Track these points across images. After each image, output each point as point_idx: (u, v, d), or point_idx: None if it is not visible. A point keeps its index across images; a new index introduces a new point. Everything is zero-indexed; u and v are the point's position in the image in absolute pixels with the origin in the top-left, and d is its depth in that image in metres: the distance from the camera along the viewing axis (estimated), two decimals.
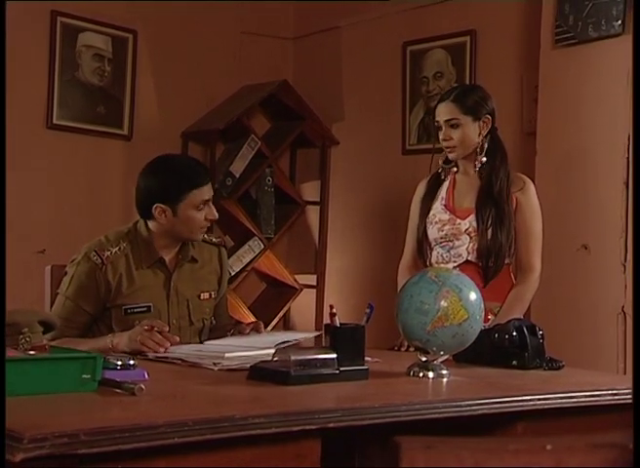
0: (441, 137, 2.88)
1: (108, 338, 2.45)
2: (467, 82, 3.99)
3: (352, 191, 4.58)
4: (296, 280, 4.65)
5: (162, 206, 2.60)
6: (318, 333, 2.67)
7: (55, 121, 4.12)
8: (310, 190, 4.77)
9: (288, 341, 2.39)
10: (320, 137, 4.66)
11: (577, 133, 3.39)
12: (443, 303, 2.05)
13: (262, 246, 4.51)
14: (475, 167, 2.89)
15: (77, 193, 4.22)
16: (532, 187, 2.91)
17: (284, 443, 1.59)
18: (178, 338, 2.38)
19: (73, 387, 1.68)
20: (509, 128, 3.85)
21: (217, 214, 2.68)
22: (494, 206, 2.84)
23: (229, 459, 1.53)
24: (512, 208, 2.86)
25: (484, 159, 2.88)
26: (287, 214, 4.66)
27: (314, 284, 4.66)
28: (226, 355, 2.19)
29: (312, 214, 4.75)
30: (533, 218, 2.89)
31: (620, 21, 3.22)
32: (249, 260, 4.49)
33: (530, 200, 2.89)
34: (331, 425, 1.62)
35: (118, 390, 1.70)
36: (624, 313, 3.18)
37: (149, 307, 2.61)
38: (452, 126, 2.85)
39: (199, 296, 2.73)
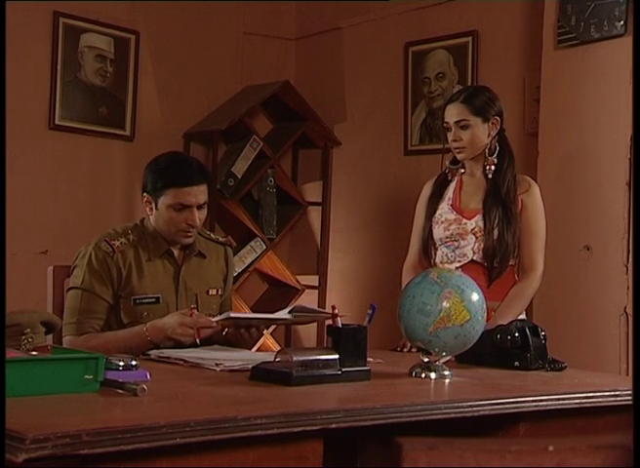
0: (450, 138, 2.88)
1: (141, 330, 2.47)
2: (469, 82, 3.99)
3: (354, 192, 4.58)
4: (298, 280, 4.65)
5: (148, 197, 2.66)
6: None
7: (57, 122, 4.12)
8: (312, 191, 4.77)
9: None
10: (322, 138, 4.66)
11: (579, 133, 3.39)
12: (445, 304, 2.05)
13: (264, 246, 4.52)
14: (486, 169, 2.89)
15: (79, 194, 4.22)
16: (537, 189, 2.92)
17: (286, 443, 1.59)
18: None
19: (75, 388, 1.68)
20: (511, 128, 3.83)
21: (197, 221, 2.62)
22: (501, 206, 2.84)
23: (231, 460, 1.53)
24: (518, 209, 2.86)
25: (495, 160, 2.88)
26: (289, 214, 4.66)
27: (316, 284, 4.66)
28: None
29: (314, 215, 4.75)
30: (537, 220, 2.89)
31: (622, 22, 3.22)
32: (251, 261, 4.49)
33: (535, 202, 2.90)
34: (333, 426, 1.62)
35: (120, 391, 1.70)
36: (627, 314, 3.18)
37: (158, 298, 2.63)
38: (461, 127, 2.85)
39: (207, 292, 2.75)
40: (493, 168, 2.88)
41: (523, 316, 2.86)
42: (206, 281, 2.75)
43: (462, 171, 2.97)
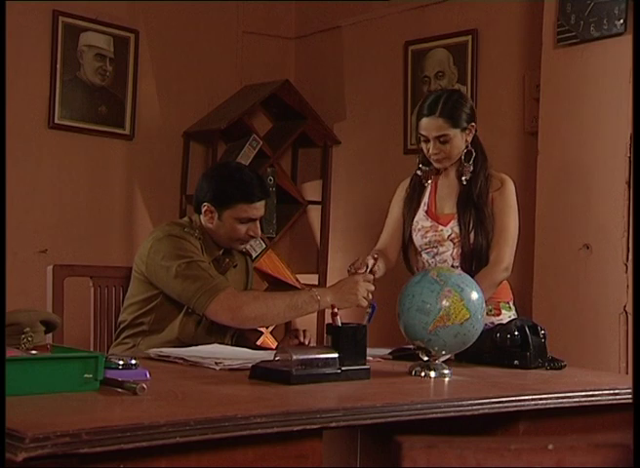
0: (431, 151, 2.83)
1: (308, 293, 2.50)
2: (469, 81, 3.99)
3: (354, 191, 4.59)
4: (297, 279, 4.65)
5: (210, 207, 2.71)
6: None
7: (56, 121, 4.11)
8: (312, 190, 4.77)
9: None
10: (322, 137, 4.66)
11: (578, 132, 3.39)
12: (445, 303, 2.05)
13: (264, 245, 4.51)
14: (463, 175, 2.86)
15: (79, 193, 4.22)
16: (510, 186, 2.86)
17: (286, 442, 1.59)
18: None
19: (75, 387, 1.68)
20: (511, 127, 3.85)
21: (259, 232, 2.76)
22: (474, 209, 2.82)
23: (231, 459, 1.53)
24: (490, 209, 2.83)
25: (472, 167, 2.86)
26: (289, 213, 4.66)
27: (316, 283, 4.66)
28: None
29: (314, 214, 4.75)
30: (506, 215, 2.82)
31: (621, 21, 3.22)
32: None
33: (505, 198, 2.84)
34: (332, 425, 1.62)
35: (120, 389, 1.70)
36: (626, 312, 3.18)
37: None
38: (442, 142, 2.82)
39: None
40: (468, 173, 2.85)
41: (513, 313, 2.85)
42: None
43: (437, 172, 2.93)
